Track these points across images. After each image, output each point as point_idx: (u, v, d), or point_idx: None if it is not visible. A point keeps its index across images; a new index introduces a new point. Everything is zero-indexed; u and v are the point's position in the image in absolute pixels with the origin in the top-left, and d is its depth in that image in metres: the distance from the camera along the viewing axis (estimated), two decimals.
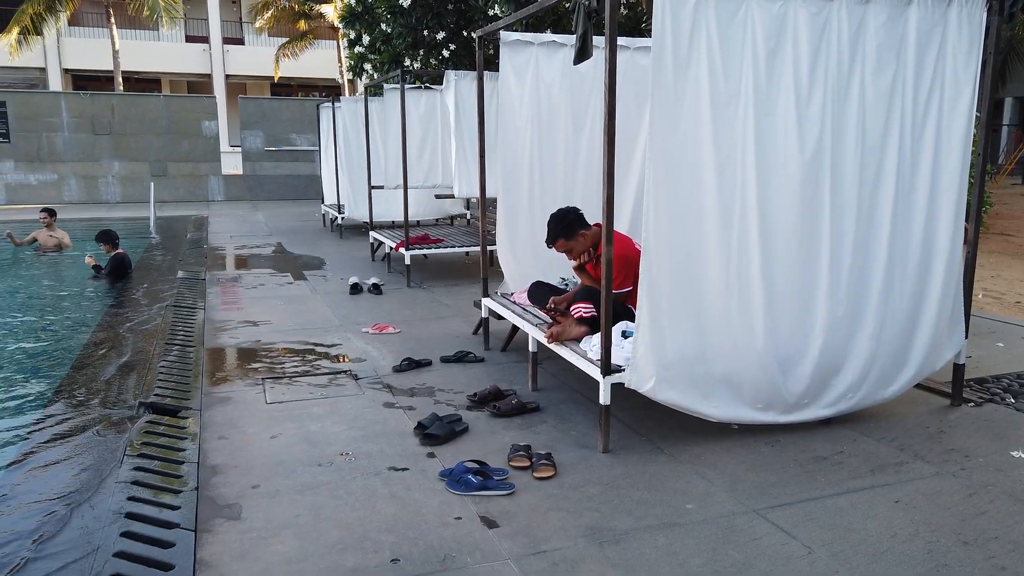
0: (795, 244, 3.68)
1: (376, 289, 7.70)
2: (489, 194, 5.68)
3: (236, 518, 2.90)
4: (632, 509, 2.99)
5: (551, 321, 4.19)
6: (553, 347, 4.06)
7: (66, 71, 26.26)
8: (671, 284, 3.51)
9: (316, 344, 5.63)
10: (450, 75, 7.91)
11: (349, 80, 24.36)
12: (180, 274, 8.38)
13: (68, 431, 3.80)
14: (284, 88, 29.63)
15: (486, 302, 5.36)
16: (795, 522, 2.89)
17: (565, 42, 5.19)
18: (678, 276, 3.53)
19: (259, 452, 3.58)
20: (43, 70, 25.56)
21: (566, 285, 4.88)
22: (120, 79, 22.54)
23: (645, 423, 3.89)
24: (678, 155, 3.46)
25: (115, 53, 22.08)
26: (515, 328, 5.29)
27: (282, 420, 4.02)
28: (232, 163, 19.29)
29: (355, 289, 7.69)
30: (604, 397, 3.52)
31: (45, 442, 3.68)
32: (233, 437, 3.76)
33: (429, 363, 5.10)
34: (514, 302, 5.06)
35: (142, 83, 27.92)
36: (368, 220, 10.03)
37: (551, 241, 4.23)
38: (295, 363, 5.13)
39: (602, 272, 3.53)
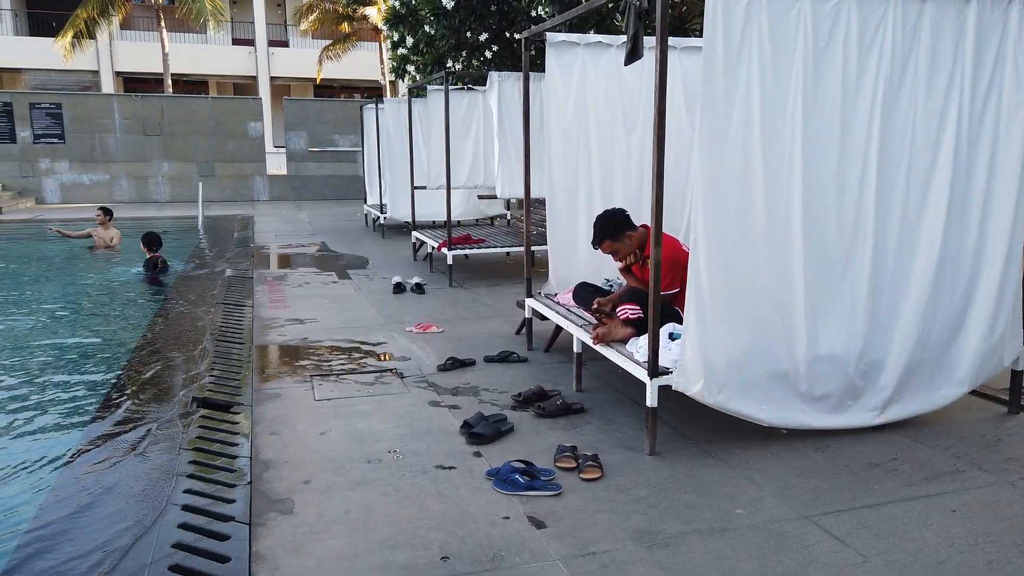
0: (840, 245, 3.66)
1: (419, 288, 7.76)
2: (534, 195, 5.68)
3: (289, 513, 2.96)
4: (680, 513, 2.98)
5: (596, 322, 4.18)
6: (598, 348, 4.06)
7: (117, 74, 26.99)
8: (719, 285, 3.48)
9: (362, 342, 5.70)
10: (493, 76, 7.95)
11: (391, 81, 24.58)
12: (228, 272, 8.56)
13: (125, 425, 3.92)
14: (327, 89, 30.04)
15: (530, 302, 5.37)
16: (848, 529, 2.84)
17: (611, 43, 5.17)
18: (726, 277, 3.50)
19: (309, 448, 3.64)
20: (96, 73, 26.30)
21: (610, 286, 4.87)
22: (169, 81, 23.10)
23: (692, 426, 3.86)
24: (727, 155, 3.44)
25: (164, 56, 22.63)
26: (558, 329, 5.29)
27: (330, 417, 4.08)
28: (276, 163, 19.61)
29: (398, 288, 7.76)
30: (651, 399, 3.50)
31: (103, 436, 3.79)
32: (284, 433, 3.83)
33: (473, 363, 5.13)
34: (558, 303, 5.06)
35: (190, 85, 28.56)
36: (410, 220, 10.13)
37: (597, 242, 4.22)
38: (342, 361, 5.21)
39: (650, 273, 3.52)
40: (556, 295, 5.22)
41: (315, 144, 19.04)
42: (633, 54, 3.45)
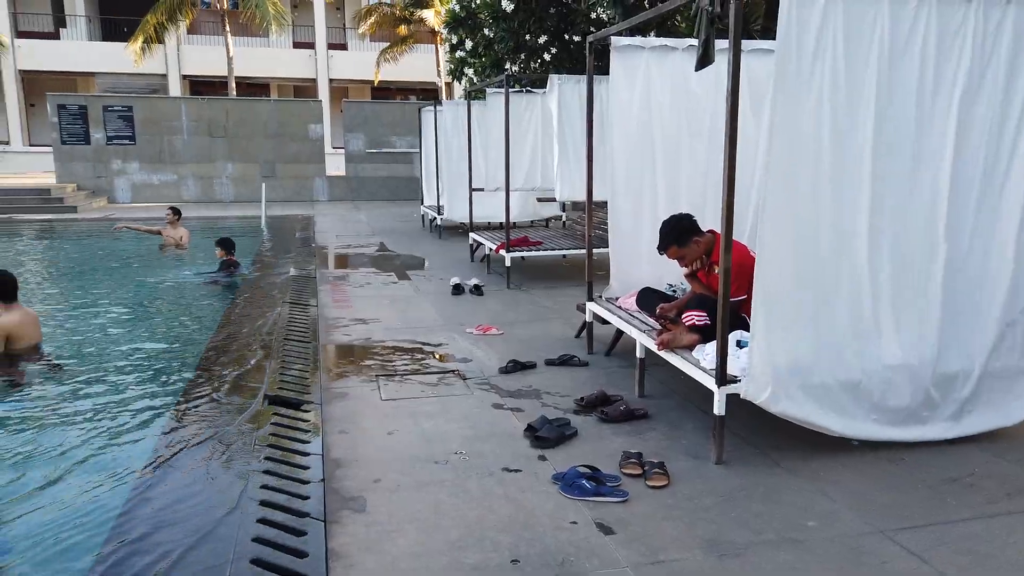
0: (911, 250, 3.58)
1: (477, 290, 7.83)
2: (595, 198, 5.68)
3: (361, 511, 3.03)
4: (750, 523, 2.95)
5: (660, 328, 4.17)
6: (663, 354, 4.04)
7: (184, 77, 27.90)
8: (787, 292, 3.44)
9: (424, 343, 5.78)
10: (553, 79, 7.97)
11: (447, 83, 24.83)
12: (292, 272, 8.78)
13: (202, 421, 4.06)
14: (383, 91, 30.48)
15: (591, 306, 5.37)
16: (926, 546, 2.77)
17: (677, 46, 5.14)
18: (794, 284, 3.46)
19: (378, 447, 3.72)
20: (164, 76, 27.24)
21: (674, 292, 4.84)
22: (233, 84, 23.77)
23: (759, 434, 3.81)
24: (796, 158, 3.39)
25: (229, 59, 23.30)
26: (619, 332, 5.28)
27: (397, 417, 4.16)
28: (334, 164, 20.00)
29: (457, 290, 7.84)
30: (719, 407, 3.47)
31: (181, 432, 3.93)
32: (352, 432, 3.92)
33: (534, 365, 5.16)
34: (620, 307, 5.05)
35: (252, 87, 29.32)
36: (467, 222, 10.22)
37: (663, 247, 4.21)
38: (405, 361, 5.30)
39: (718, 280, 3.49)
40: (618, 299, 5.21)
41: (373, 145, 19.35)
42: (704, 59, 3.43)
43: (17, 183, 18.56)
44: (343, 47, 29.97)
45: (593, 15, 10.07)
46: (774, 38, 3.35)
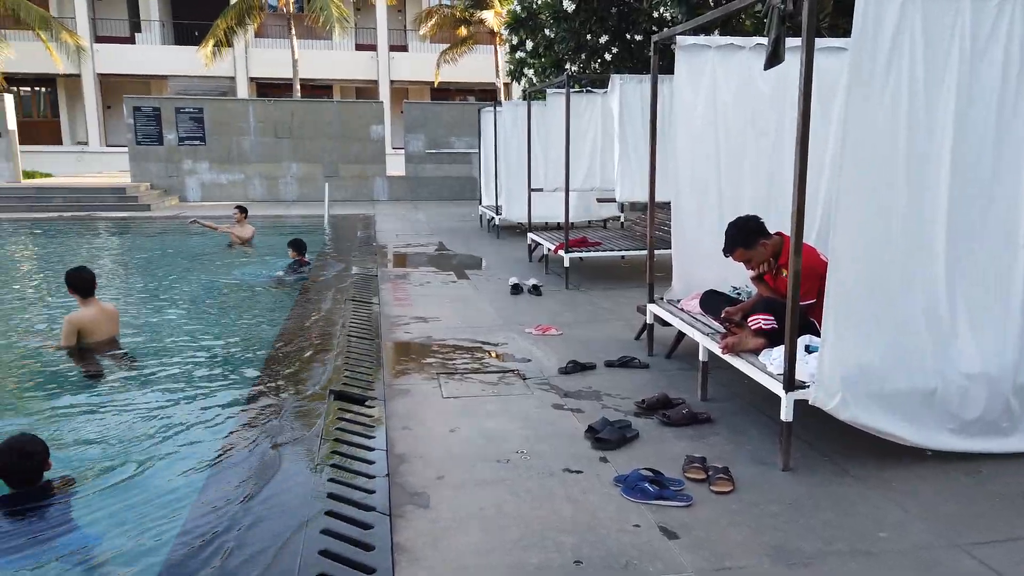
0: (991, 255, 3.45)
1: (536, 290, 7.84)
2: (658, 199, 5.63)
3: (425, 507, 3.08)
4: (819, 532, 2.88)
5: (725, 331, 4.11)
6: (727, 358, 3.98)
7: (251, 79, 28.70)
8: (860, 296, 3.35)
9: (483, 342, 5.83)
10: (615, 79, 7.92)
11: (506, 84, 24.95)
12: (354, 270, 8.95)
13: (270, 415, 4.17)
14: (442, 92, 30.78)
15: (652, 308, 5.33)
16: (1007, 562, 2.66)
17: (744, 44, 5.06)
18: (868, 288, 3.37)
19: (440, 444, 3.76)
20: (232, 79, 28.08)
21: (739, 295, 4.76)
22: (298, 86, 24.35)
23: (827, 441, 3.72)
24: (872, 161, 3.30)
25: (294, 62, 23.88)
26: (680, 335, 5.22)
27: (458, 415, 4.20)
28: (394, 165, 20.29)
29: (515, 290, 7.87)
30: (786, 413, 3.40)
31: (251, 424, 4.05)
32: (415, 428, 3.98)
33: (593, 367, 5.14)
34: (682, 309, 5.00)
35: (316, 89, 29.98)
36: (525, 222, 10.24)
37: (729, 250, 4.14)
38: (465, 360, 5.34)
39: (786, 283, 3.43)
40: (680, 301, 5.16)
41: (432, 146, 19.56)
42: (774, 58, 3.37)
43: (95, 182, 19.40)
44: (404, 49, 30.38)
45: (656, 14, 9.97)
46: (842, 35, 3.27)
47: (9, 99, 17.93)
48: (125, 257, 11.56)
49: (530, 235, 9.94)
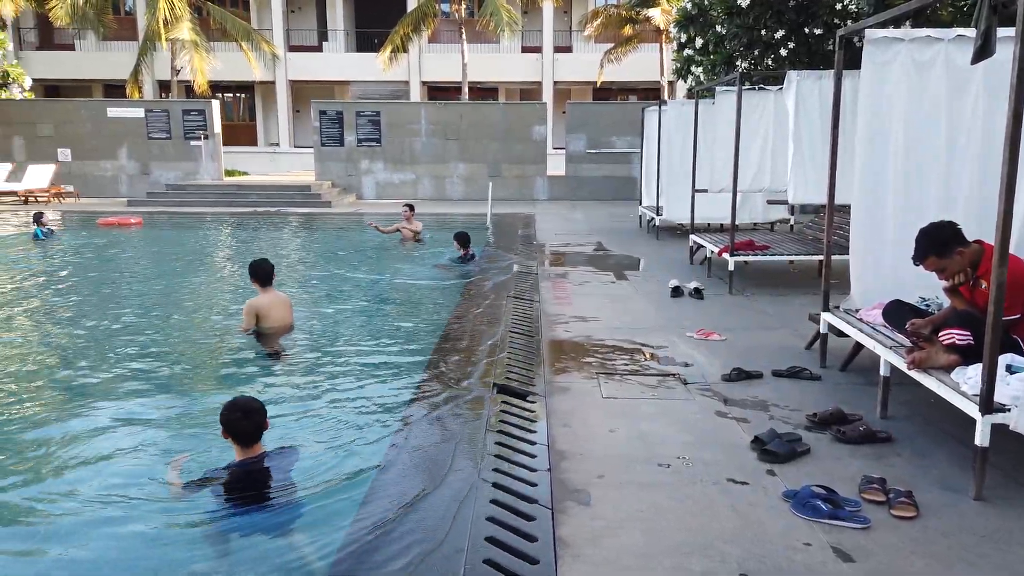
0: None
1: (697, 293, 7.66)
2: (836, 201, 5.32)
3: (586, 504, 3.12)
4: (1016, 569, 2.62)
5: (912, 345, 3.81)
6: (913, 374, 3.70)
7: (423, 83, 30.10)
8: None
9: (643, 344, 5.78)
10: (792, 75, 7.56)
11: (669, 82, 24.47)
12: (516, 268, 9.17)
13: (438, 405, 4.38)
14: (605, 92, 30.70)
15: (826, 316, 5.05)
16: None
17: (942, 36, 4.66)
18: None
19: (599, 444, 3.79)
20: (406, 83, 29.56)
21: (927, 306, 4.41)
22: (466, 89, 25.24)
23: None
24: None
25: (464, 66, 24.77)
26: (857, 347, 4.91)
27: (617, 415, 4.20)
28: (553, 165, 20.51)
29: (676, 292, 7.73)
30: (982, 438, 3.11)
31: (420, 414, 4.26)
32: (575, 426, 4.03)
33: (760, 375, 4.95)
34: (861, 319, 4.69)
35: (482, 92, 30.93)
36: (687, 223, 10.01)
37: (920, 257, 3.84)
38: (624, 361, 5.33)
39: (986, 296, 3.13)
40: (859, 311, 4.85)
41: (593, 146, 19.59)
42: (984, 51, 3.08)
43: (285, 180, 21.18)
44: (568, 50, 30.61)
45: (839, 6, 9.40)
46: None
47: (215, 104, 19.97)
48: (306, 249, 12.55)
49: (692, 237, 9.71)
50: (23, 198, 18.27)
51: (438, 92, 30.74)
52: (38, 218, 12.38)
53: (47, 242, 12.07)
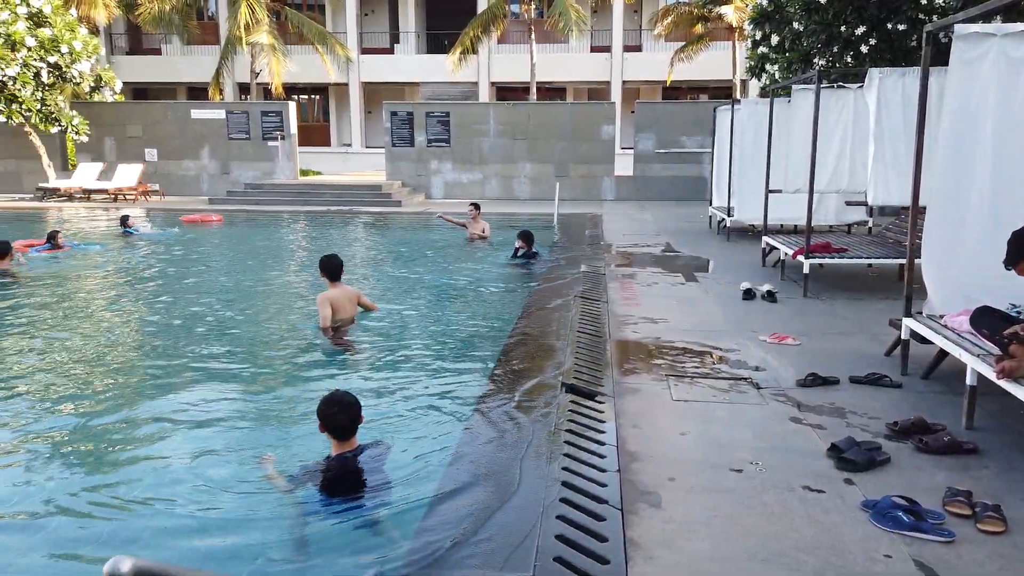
0: None
1: (770, 296, 7.49)
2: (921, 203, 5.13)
3: (657, 506, 3.10)
4: None
5: (1002, 353, 3.65)
6: (1003, 384, 3.54)
7: (492, 84, 30.30)
8: None
9: (713, 347, 5.69)
10: (873, 73, 7.32)
11: (742, 81, 23.96)
12: (583, 268, 9.15)
13: (506, 402, 4.42)
14: (674, 91, 30.29)
15: (908, 322, 4.88)
16: None
17: None
18: None
19: (670, 446, 3.76)
20: (475, 84, 29.83)
21: (1018, 313, 4.21)
22: (534, 89, 25.29)
23: None
24: None
25: (532, 66, 24.83)
26: (942, 354, 4.73)
27: (688, 418, 4.16)
28: (621, 165, 20.35)
29: (748, 295, 7.58)
30: None
31: (491, 411, 4.29)
32: (645, 428, 4.01)
33: (836, 381, 4.82)
34: (945, 326, 4.52)
35: (551, 92, 30.95)
36: (756, 224, 9.80)
37: (1012, 262, 3.68)
38: (695, 363, 5.27)
39: None
40: (943, 317, 4.67)
41: (662, 145, 19.36)
42: None
43: (357, 180, 21.67)
44: (637, 49, 30.33)
45: (924, 0, 9.05)
46: None
47: (292, 106, 20.59)
48: (375, 247, 12.82)
49: (765, 238, 9.50)
50: (113, 196, 19.23)
51: (506, 92, 30.89)
52: (124, 220, 13.05)
53: (135, 238, 12.69)
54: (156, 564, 1.49)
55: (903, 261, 6.79)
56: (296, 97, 29.41)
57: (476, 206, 12.32)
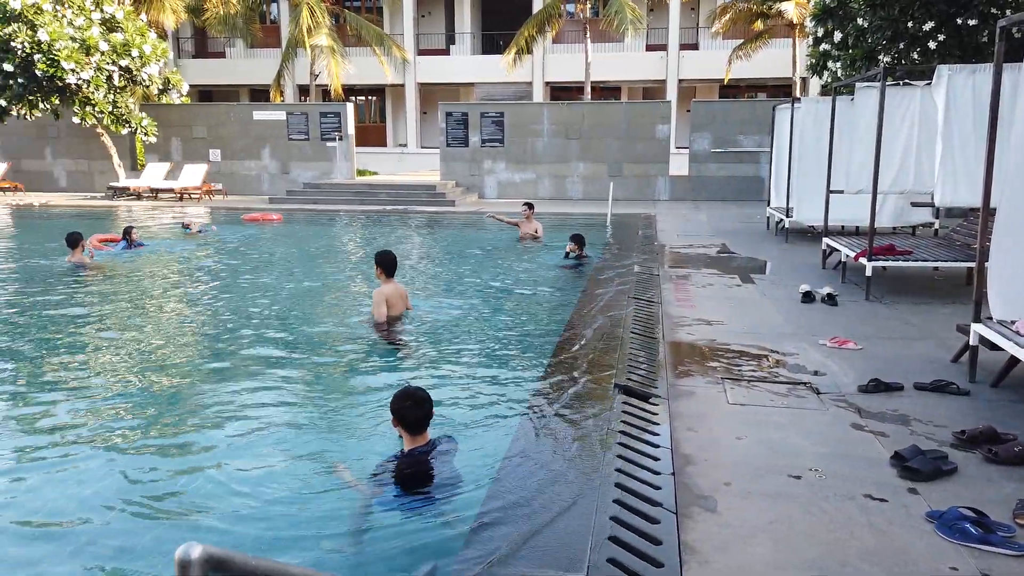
0: None
1: (831, 299, 7.31)
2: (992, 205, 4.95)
3: (712, 511, 3.07)
4: None
5: None
6: None
7: (546, 83, 30.32)
8: None
9: (771, 350, 5.59)
10: (942, 70, 7.09)
11: (802, 79, 23.44)
12: (636, 268, 9.08)
13: (559, 403, 4.42)
14: (731, 90, 29.81)
15: (977, 328, 4.71)
16: None
17: None
18: None
19: (726, 450, 3.71)
20: (529, 84, 29.88)
21: None
22: (588, 88, 25.19)
23: None
24: None
25: (587, 65, 24.74)
26: (1013, 361, 4.55)
27: (745, 422, 4.10)
28: (676, 164, 20.11)
29: (807, 297, 7.42)
30: None
31: (545, 412, 4.30)
32: (700, 431, 3.97)
33: (900, 387, 4.68)
34: (1018, 332, 4.35)
35: (605, 91, 30.79)
36: (816, 225, 9.56)
37: None
38: (751, 367, 5.18)
39: None
40: (1014, 323, 4.49)
41: (719, 145, 19.07)
42: None
43: (411, 180, 21.93)
44: (694, 47, 29.95)
45: None
46: None
47: (350, 108, 20.96)
48: (429, 246, 12.95)
49: (825, 240, 9.27)
50: (179, 195, 19.90)
51: (561, 92, 30.86)
52: (185, 226, 13.43)
53: (201, 235, 13.11)
54: (225, 552, 1.54)
55: (972, 264, 6.55)
56: (354, 98, 29.90)
57: (530, 205, 12.33)
